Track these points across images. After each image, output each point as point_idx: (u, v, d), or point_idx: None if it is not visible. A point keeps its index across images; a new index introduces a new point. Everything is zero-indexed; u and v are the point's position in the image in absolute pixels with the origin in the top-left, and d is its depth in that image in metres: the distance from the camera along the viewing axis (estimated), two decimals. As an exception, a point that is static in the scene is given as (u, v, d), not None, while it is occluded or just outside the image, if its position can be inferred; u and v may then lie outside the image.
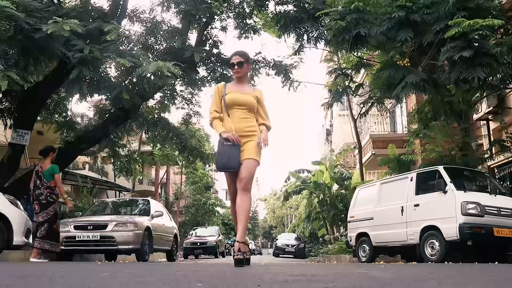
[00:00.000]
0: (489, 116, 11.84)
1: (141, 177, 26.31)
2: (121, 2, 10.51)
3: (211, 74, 11.91)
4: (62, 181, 8.37)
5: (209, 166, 27.51)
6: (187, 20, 10.72)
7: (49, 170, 7.29)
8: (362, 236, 9.24)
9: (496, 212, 7.15)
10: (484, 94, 10.08)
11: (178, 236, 11.55)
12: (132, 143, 15.60)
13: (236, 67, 4.46)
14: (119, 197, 19.92)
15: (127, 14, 11.06)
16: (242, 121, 4.34)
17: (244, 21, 11.82)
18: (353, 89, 13.21)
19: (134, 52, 9.04)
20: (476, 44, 7.00)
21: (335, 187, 19.71)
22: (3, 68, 7.77)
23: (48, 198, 7.19)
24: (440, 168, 7.79)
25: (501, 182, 10.66)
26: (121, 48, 8.82)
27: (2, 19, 6.89)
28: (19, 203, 7.08)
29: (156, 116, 13.21)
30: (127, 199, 13.54)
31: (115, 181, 20.63)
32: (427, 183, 7.87)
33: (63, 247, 8.17)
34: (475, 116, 12.07)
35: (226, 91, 4.43)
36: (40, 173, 7.25)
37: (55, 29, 7.03)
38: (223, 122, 4.38)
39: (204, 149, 14.09)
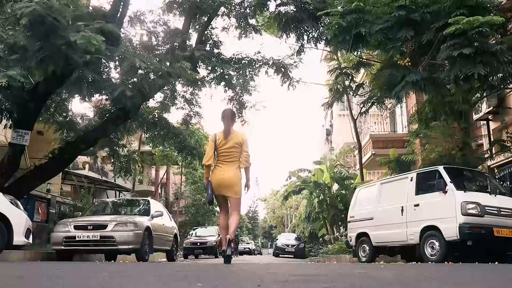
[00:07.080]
0: (489, 116, 11.84)
1: (140, 177, 26.24)
2: (120, 9, 10.49)
3: (211, 73, 11.89)
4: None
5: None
6: (188, 18, 10.66)
7: None
8: (362, 236, 9.23)
9: (496, 212, 7.14)
10: (484, 94, 10.08)
11: (178, 236, 11.55)
12: (131, 143, 15.57)
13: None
14: (119, 197, 19.90)
15: (128, 16, 11.04)
16: None
17: (245, 21, 11.79)
18: (353, 88, 13.20)
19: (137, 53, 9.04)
20: (476, 44, 7.00)
21: (335, 187, 19.70)
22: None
23: None
24: (440, 168, 7.77)
25: (501, 182, 10.64)
26: (122, 49, 8.80)
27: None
28: (19, 203, 7.07)
29: (156, 116, 13.18)
30: (127, 199, 13.52)
31: (115, 181, 20.60)
32: (427, 183, 7.87)
33: (63, 247, 8.18)
34: (475, 116, 12.07)
35: None
36: None
37: (83, 41, 7.09)
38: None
39: (203, 149, 14.05)
